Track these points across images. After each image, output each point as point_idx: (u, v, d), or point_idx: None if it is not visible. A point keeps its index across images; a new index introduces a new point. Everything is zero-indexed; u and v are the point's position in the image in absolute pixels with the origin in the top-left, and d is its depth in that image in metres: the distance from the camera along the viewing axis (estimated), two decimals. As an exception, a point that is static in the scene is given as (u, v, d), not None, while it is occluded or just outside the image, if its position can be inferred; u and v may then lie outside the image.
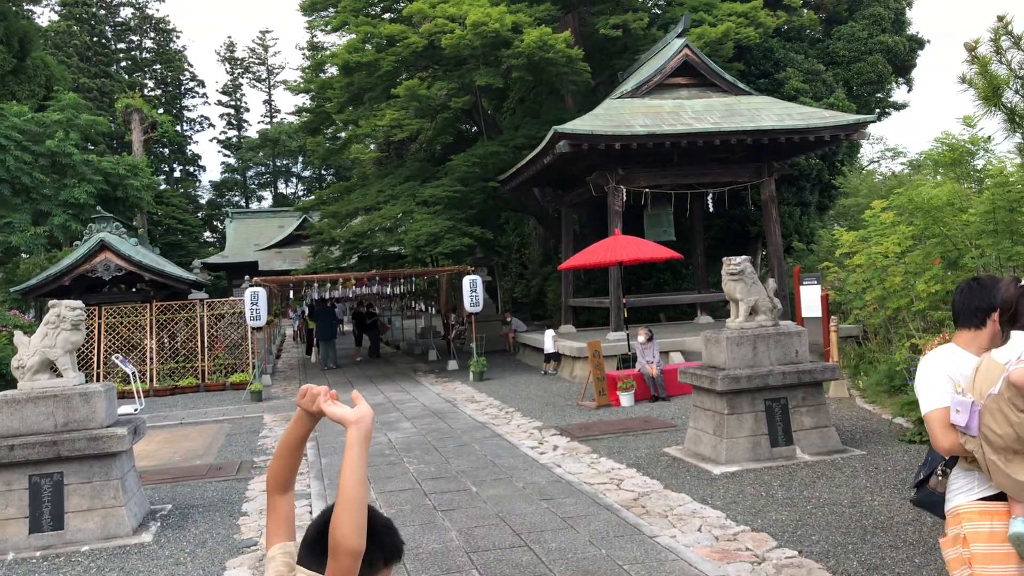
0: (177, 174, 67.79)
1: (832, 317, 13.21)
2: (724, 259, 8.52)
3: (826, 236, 25.73)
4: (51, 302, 7.21)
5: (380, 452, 9.75)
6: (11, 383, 15.58)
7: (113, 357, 15.64)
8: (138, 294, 18.50)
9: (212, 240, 64.04)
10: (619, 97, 16.85)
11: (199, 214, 65.18)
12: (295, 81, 22.09)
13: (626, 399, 12.01)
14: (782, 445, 8.00)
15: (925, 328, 10.46)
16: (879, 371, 11.26)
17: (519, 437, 10.22)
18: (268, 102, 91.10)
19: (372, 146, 46.93)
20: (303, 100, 24.15)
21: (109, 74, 58.34)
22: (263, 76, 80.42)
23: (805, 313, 14.89)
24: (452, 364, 19.08)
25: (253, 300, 15.58)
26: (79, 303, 7.12)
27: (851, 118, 16.13)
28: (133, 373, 15.37)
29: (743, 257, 8.49)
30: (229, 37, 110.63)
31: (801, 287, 15.04)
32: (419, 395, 14.97)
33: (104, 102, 51.96)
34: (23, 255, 21.82)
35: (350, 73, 19.30)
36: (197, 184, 70.82)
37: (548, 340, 17.16)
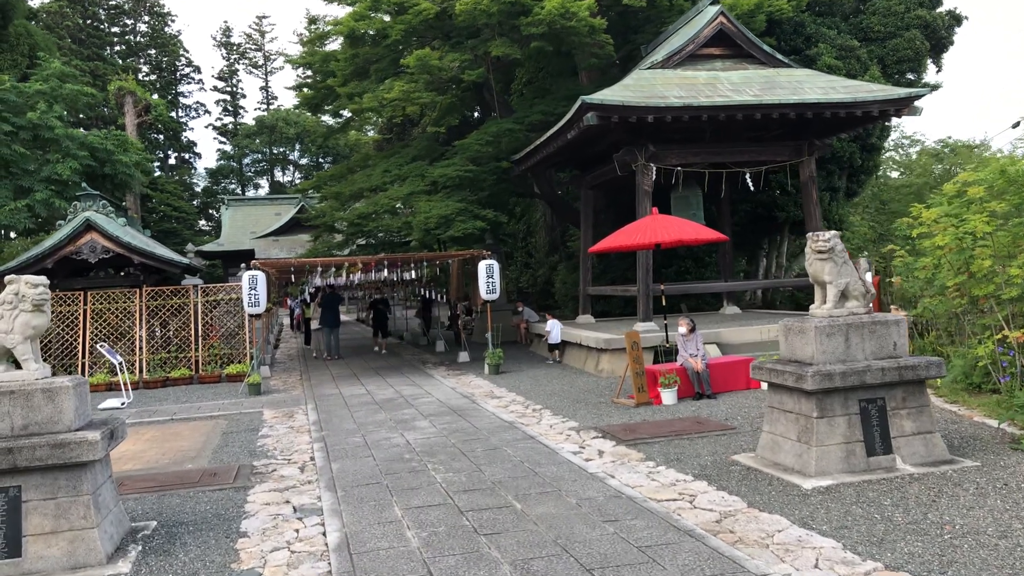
0: (172, 161, 66.49)
1: (892, 307, 11.96)
2: (810, 235, 7.26)
3: (859, 223, 24.56)
4: (7, 277, 5.92)
5: (399, 456, 8.50)
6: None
7: (98, 346, 14.35)
8: (127, 279, 17.19)
9: (208, 228, 62.76)
10: (649, 68, 15.56)
11: (194, 202, 63.94)
12: (297, 55, 20.62)
13: (668, 396, 10.77)
14: (880, 454, 6.76)
15: (1014, 316, 9.22)
16: (955, 367, 10.02)
17: (555, 440, 8.97)
18: (265, 88, 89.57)
19: (371, 132, 45.65)
20: (304, 74, 22.56)
21: (102, 57, 56.90)
22: (260, 62, 78.93)
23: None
24: (463, 356, 17.84)
25: (252, 284, 14.30)
26: (42, 279, 5.82)
27: (901, 91, 14.86)
28: (120, 364, 14.11)
29: (832, 233, 7.24)
30: (225, 22, 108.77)
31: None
32: (432, 389, 13.71)
33: (97, 85, 50.43)
34: (12, 237, 20.51)
35: (355, 43, 17.96)
36: (193, 171, 69.52)
37: (555, 330, 16.40)
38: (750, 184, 15.83)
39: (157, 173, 57.20)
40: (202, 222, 64.38)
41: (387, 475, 7.70)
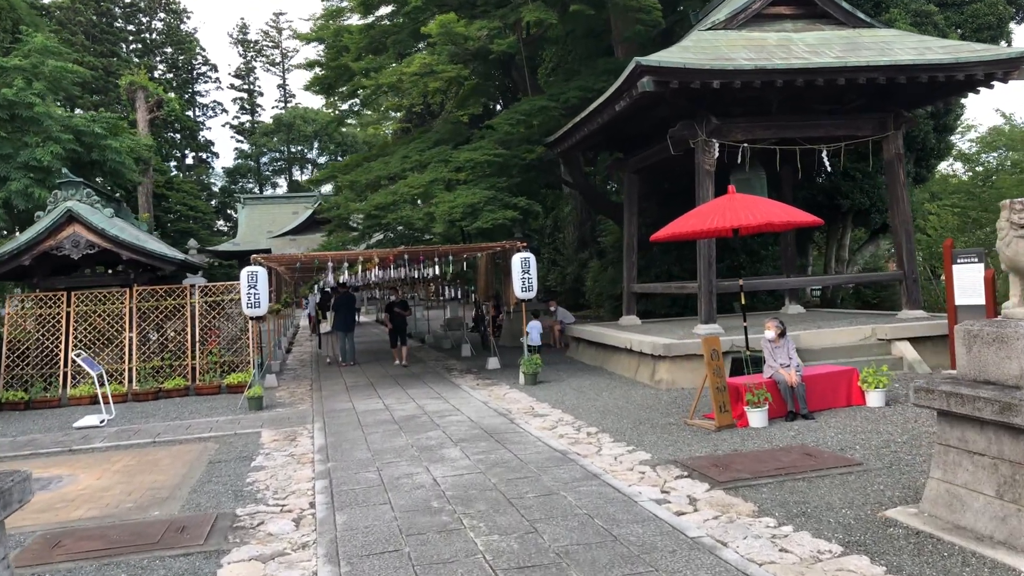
0: (190, 161, 65.18)
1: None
2: (1006, 202, 5.13)
3: (937, 211, 22.14)
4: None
5: (424, 504, 6.47)
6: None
7: (74, 355, 12.45)
8: (116, 277, 15.30)
9: (225, 228, 61.39)
10: (709, 28, 13.44)
11: (212, 202, 62.65)
12: (308, 31, 18.71)
13: (757, 418, 8.67)
14: (1122, 518, 4.65)
15: None
16: None
17: (627, 479, 6.91)
18: (282, 86, 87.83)
19: (389, 128, 43.79)
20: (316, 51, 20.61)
21: (116, 53, 55.64)
22: (277, 60, 77.53)
23: (960, 300, 11.54)
24: (493, 362, 15.80)
25: (251, 282, 12.34)
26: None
27: (1013, 51, 12.64)
28: (100, 375, 12.21)
29: (1039, 198, 5.10)
30: (242, 19, 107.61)
31: (954, 267, 11.67)
32: (461, 404, 11.69)
33: (110, 82, 49.17)
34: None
35: (371, 10, 15.95)
36: (210, 171, 68.22)
37: (534, 331, 14.74)
38: (827, 163, 13.66)
39: (173, 172, 55.83)
40: (220, 222, 63.14)
41: (409, 536, 5.67)
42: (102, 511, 7.04)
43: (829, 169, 13.77)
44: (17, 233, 14.90)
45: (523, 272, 13.52)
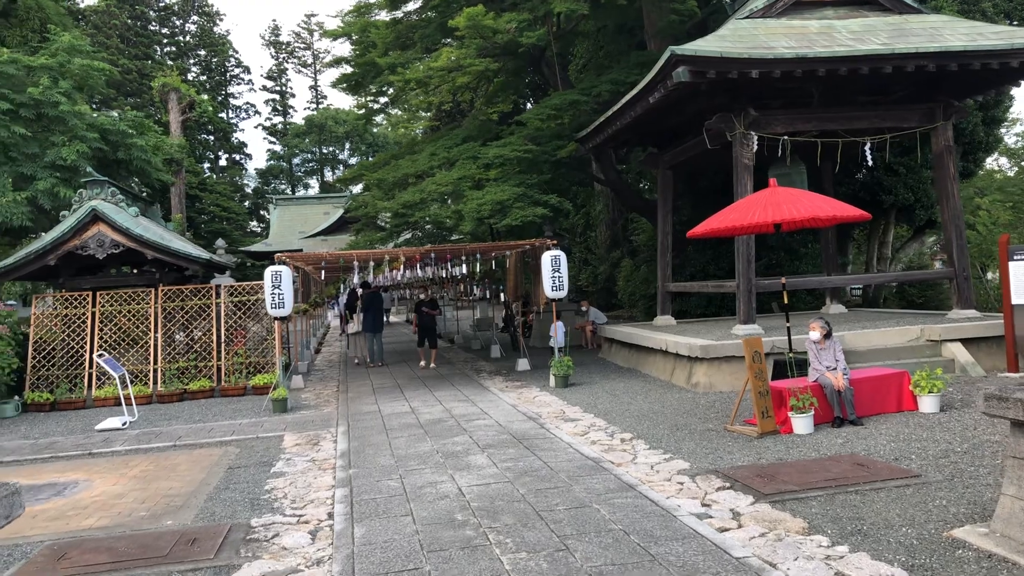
0: (223, 162, 65.66)
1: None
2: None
3: (988, 206, 21.22)
4: None
5: (448, 517, 6.08)
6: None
7: (96, 356, 12.27)
8: (142, 277, 15.14)
9: (258, 229, 61.73)
10: (747, 17, 12.90)
11: (245, 203, 63.15)
12: (335, 27, 18.44)
13: (802, 424, 8.16)
14: None
15: None
16: None
17: (664, 490, 6.46)
18: (314, 87, 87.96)
19: (419, 129, 43.58)
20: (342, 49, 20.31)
21: (150, 56, 56.24)
22: (308, 61, 77.87)
23: (1016, 299, 10.92)
24: (523, 363, 15.40)
25: (275, 282, 12.07)
26: None
27: (1072, 34, 11.95)
28: (122, 376, 12.02)
29: None
30: (274, 21, 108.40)
31: (1011, 263, 11.04)
32: (489, 407, 11.30)
33: (144, 84, 49.66)
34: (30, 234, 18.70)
35: (398, 5, 15.63)
36: (243, 172, 68.70)
37: (559, 332, 13.83)
38: (868, 157, 13.04)
39: (207, 174, 56.26)
40: (253, 223, 63.61)
41: (430, 552, 5.28)
42: (114, 520, 6.76)
43: (871, 163, 13.11)
44: (42, 233, 14.78)
45: (553, 271, 13.10)
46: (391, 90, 18.86)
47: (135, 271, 15.40)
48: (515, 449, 8.36)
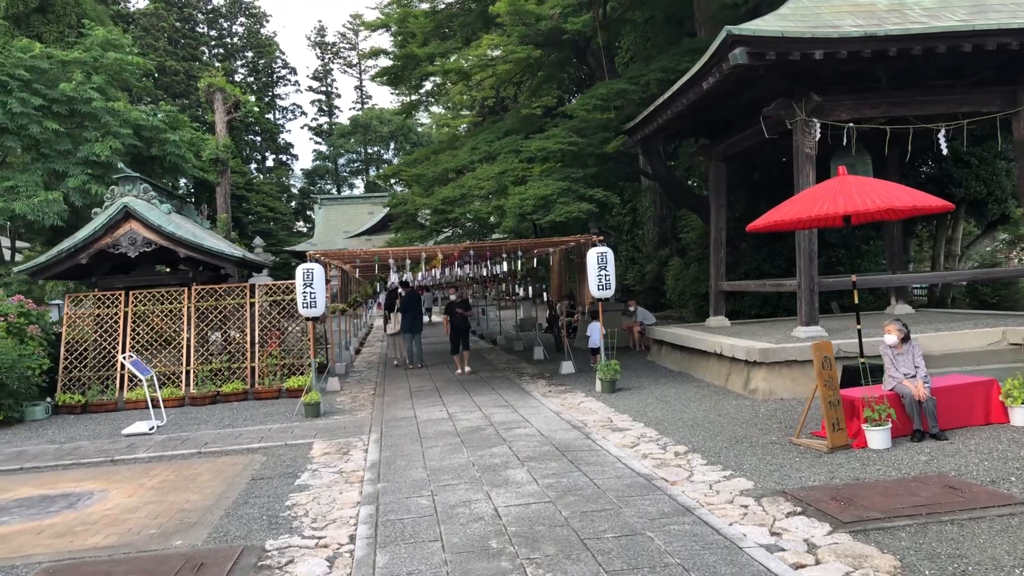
0: (270, 163, 66.14)
1: None
2: None
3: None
4: None
5: (481, 544, 5.40)
6: (13, 395, 11.99)
7: (122, 358, 11.88)
8: (176, 275, 14.78)
9: (304, 229, 62.01)
10: (809, -6, 11.99)
11: (292, 203, 63.53)
12: (374, 19, 17.93)
13: (878, 438, 7.30)
14: None
15: None
16: None
17: (726, 515, 5.70)
18: (359, 87, 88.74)
19: (463, 125, 43.09)
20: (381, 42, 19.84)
21: (197, 57, 56.72)
22: (354, 61, 78.06)
23: (1114, 299, 9.79)
24: (567, 366, 14.68)
25: (306, 280, 11.53)
26: None
27: None
28: (150, 378, 11.61)
29: None
30: (319, 22, 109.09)
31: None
32: (531, 414, 10.60)
33: (191, 85, 50.06)
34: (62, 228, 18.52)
35: (437, -7, 15.05)
36: (290, 172, 69.13)
37: (595, 333, 13.38)
38: (943, 146, 12.02)
39: (254, 175, 56.61)
40: (299, 223, 63.99)
41: (459, 588, 4.62)
42: (121, 538, 6.23)
43: (945, 151, 12.09)
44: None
45: (599, 268, 12.34)
46: (431, 84, 18.29)
47: (168, 270, 15.05)
48: (558, 463, 7.66)
